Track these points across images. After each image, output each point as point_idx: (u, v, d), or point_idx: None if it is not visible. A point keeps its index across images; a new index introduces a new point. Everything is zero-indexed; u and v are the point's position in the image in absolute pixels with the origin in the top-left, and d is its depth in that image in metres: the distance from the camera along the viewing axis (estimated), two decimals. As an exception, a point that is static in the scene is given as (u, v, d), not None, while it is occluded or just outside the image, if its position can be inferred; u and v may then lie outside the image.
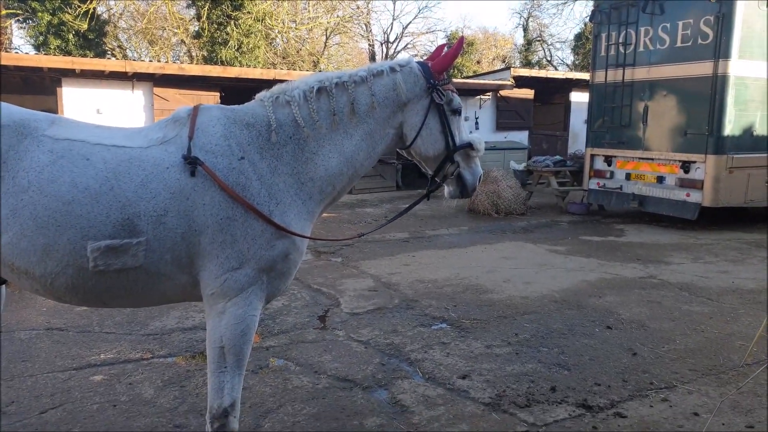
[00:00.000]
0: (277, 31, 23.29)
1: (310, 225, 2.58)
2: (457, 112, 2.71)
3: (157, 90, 12.87)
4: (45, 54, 18.05)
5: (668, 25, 9.74)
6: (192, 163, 2.29)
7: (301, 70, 22.74)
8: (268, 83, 2.42)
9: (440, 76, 2.68)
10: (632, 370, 4.03)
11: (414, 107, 2.66)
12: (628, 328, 4.95)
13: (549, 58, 38.62)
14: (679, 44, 9.60)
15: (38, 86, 13.41)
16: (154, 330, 4.84)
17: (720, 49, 8.96)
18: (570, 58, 37.09)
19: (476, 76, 19.88)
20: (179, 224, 2.31)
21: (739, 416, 3.39)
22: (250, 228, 2.34)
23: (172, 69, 12.97)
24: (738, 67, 9.03)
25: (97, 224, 2.22)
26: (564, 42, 39.86)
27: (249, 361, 4.10)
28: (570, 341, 4.60)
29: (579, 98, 17.77)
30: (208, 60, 20.07)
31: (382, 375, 3.97)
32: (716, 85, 9.06)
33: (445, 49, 2.83)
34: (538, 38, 38.29)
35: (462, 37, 3.06)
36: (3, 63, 11.44)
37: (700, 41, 9.25)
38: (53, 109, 11.99)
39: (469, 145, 2.72)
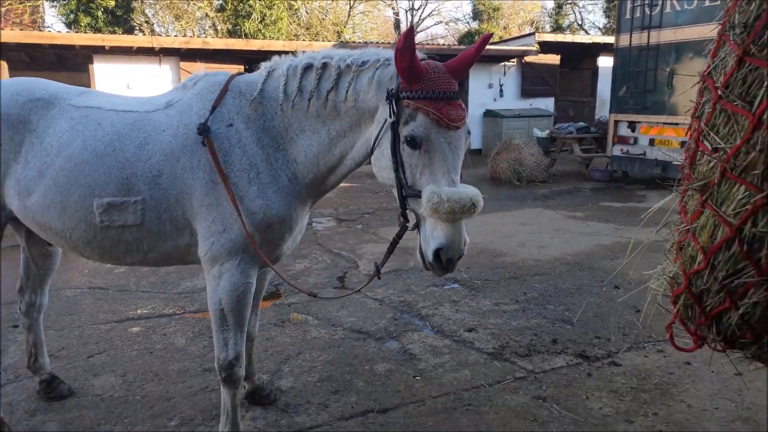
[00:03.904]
0: (300, 1, 23.31)
1: (300, 206, 2.47)
2: (410, 142, 1.98)
3: (183, 64, 13.20)
4: (76, 32, 18.52)
5: (698, -17, 9.54)
6: (202, 131, 2.34)
7: (324, 40, 22.79)
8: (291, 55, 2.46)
9: (409, 84, 2.00)
10: (633, 326, 4.22)
11: (380, 114, 2.16)
12: (635, 287, 5.11)
13: (580, 22, 37.59)
14: (708, 3, 9.39)
15: (72, 63, 13.88)
16: (185, 289, 5.22)
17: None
18: (602, 21, 36.09)
19: (500, 42, 19.62)
20: (172, 186, 2.40)
21: (728, 365, 3.56)
22: (226, 195, 2.33)
23: (196, 43, 13.26)
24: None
25: (101, 183, 2.43)
26: (596, 3, 38.74)
27: (272, 315, 4.49)
28: (576, 299, 4.80)
29: (607, 63, 17.43)
30: (231, 33, 20.31)
31: (393, 328, 4.27)
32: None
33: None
34: (569, 1, 37.28)
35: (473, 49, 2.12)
36: (37, 41, 11.89)
37: None
38: (86, 85, 12.44)
39: (417, 195, 1.98)
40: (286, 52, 2.64)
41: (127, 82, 12.75)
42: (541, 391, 3.28)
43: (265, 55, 3.29)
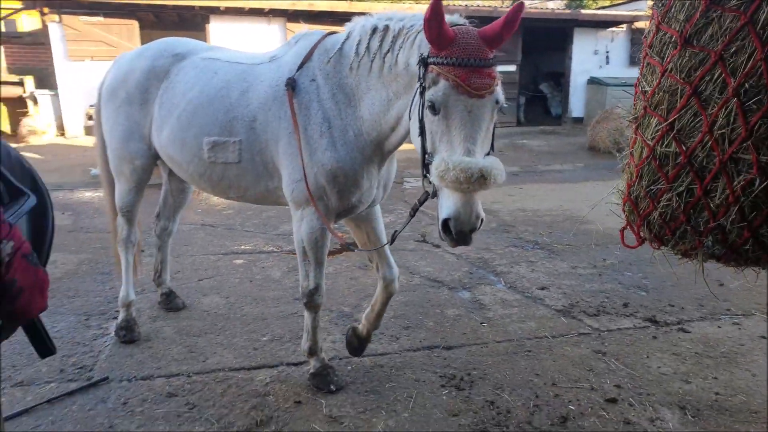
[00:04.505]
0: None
1: (364, 162, 2.54)
2: (431, 107, 1.99)
3: (289, 25, 13.81)
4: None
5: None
6: (287, 84, 2.56)
7: (427, 2, 22.60)
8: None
9: (438, 50, 1.99)
10: (711, 298, 4.17)
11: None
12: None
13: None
14: None
15: (191, 23, 14.91)
16: (283, 231, 5.76)
17: None
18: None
19: (609, 6, 18.54)
20: (263, 131, 2.65)
21: (807, 343, 3.50)
22: (307, 145, 2.53)
23: (302, 5, 13.77)
24: None
25: (210, 123, 2.79)
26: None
27: (357, 259, 4.89)
28: (656, 269, 4.77)
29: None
30: (336, -5, 20.66)
31: (467, 280, 4.52)
32: None
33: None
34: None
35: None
36: (162, 2, 12.89)
37: None
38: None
39: (428, 165, 2.02)
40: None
41: (239, 41, 13.57)
42: (603, 347, 3.43)
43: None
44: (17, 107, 12.00)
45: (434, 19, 1.91)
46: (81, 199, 7.06)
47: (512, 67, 14.33)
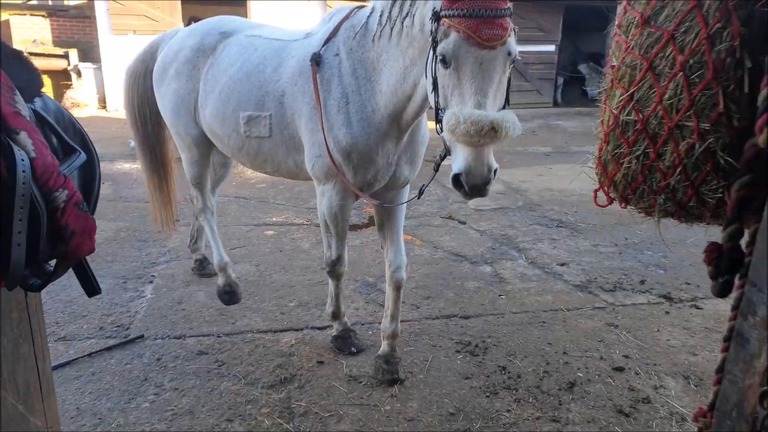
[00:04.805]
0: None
1: (381, 138, 2.53)
2: (442, 60, 1.97)
3: (329, 2, 13.92)
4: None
5: None
6: (312, 59, 2.58)
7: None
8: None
9: (451, 1, 1.94)
10: (733, 278, 4.20)
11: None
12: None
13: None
14: None
15: (232, -1, 15.16)
16: (313, 206, 5.97)
17: None
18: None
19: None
20: (290, 106, 2.71)
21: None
22: (326, 121, 2.55)
23: (341, -18, 13.86)
24: None
25: (246, 98, 2.86)
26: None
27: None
28: (677, 249, 4.80)
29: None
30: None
31: (489, 255, 4.64)
32: None
33: None
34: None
35: None
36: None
37: None
38: (243, 17, 13.59)
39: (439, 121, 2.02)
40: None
41: (279, 18, 13.75)
42: (616, 320, 3.53)
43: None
44: (61, 80, 12.39)
45: None
46: (120, 170, 7.41)
47: (551, 47, 14.11)
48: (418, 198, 2.59)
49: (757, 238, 0.88)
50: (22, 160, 1.05)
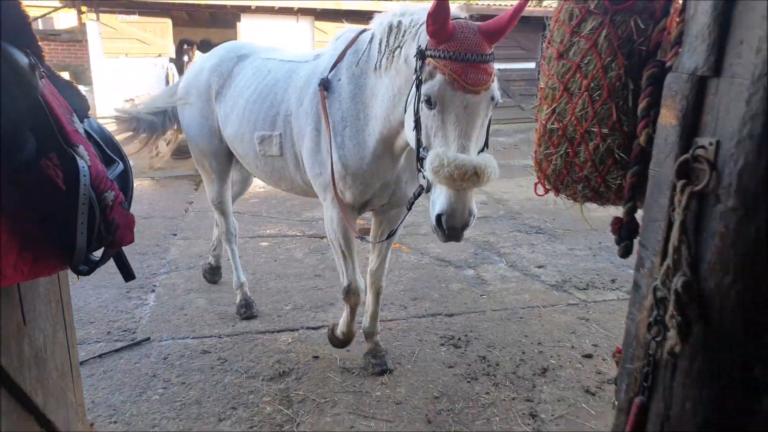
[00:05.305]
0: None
1: (375, 161, 2.55)
2: (427, 101, 1.98)
3: (317, 23, 14.33)
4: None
5: None
6: (321, 84, 2.64)
7: (455, 0, 22.86)
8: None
9: (437, 42, 1.97)
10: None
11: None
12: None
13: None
14: None
15: (222, 21, 15.52)
16: (306, 218, 6.26)
17: None
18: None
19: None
20: (295, 125, 2.79)
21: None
22: (324, 143, 2.63)
23: (330, 4, 14.28)
24: None
25: (260, 119, 2.99)
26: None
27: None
28: (649, 251, 5.14)
29: None
30: (363, -7, 21.09)
31: (473, 260, 4.95)
32: None
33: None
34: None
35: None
36: (196, 2, 13.54)
37: None
38: (233, 39, 13.93)
39: (421, 160, 2.03)
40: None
41: (268, 39, 14.12)
42: (587, 315, 3.83)
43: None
44: (54, 103, 12.68)
45: (438, 13, 1.88)
46: (121, 190, 7.65)
47: (532, 64, 14.60)
48: (387, 238, 2.83)
49: (644, 211, 1.18)
50: (83, 167, 1.34)
